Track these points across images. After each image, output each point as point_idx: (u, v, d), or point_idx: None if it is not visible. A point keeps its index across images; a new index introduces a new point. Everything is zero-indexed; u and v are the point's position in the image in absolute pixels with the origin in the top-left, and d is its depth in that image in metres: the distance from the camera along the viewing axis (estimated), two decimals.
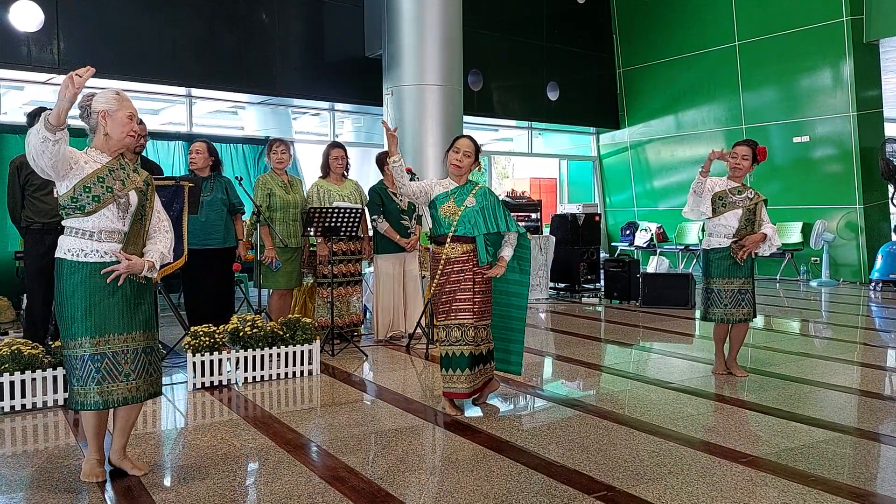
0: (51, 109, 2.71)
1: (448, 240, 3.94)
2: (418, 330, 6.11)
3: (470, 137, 4.10)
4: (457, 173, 4.04)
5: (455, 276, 3.95)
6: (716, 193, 4.76)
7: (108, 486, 2.99)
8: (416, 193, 4.02)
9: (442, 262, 3.95)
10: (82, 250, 2.91)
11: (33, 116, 4.99)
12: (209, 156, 5.62)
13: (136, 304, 3.00)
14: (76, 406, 2.95)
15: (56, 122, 2.66)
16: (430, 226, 4.09)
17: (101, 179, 2.90)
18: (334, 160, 6.02)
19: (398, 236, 6.09)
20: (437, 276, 3.95)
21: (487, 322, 4.07)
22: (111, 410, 3.05)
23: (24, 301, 5.76)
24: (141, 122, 5.37)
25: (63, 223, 2.96)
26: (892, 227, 10.97)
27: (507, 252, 4.07)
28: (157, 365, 3.11)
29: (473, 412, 4.05)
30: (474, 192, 4.03)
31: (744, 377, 4.84)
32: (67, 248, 2.92)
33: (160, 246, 3.08)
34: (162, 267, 3.19)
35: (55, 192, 2.93)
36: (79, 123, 3.01)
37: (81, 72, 2.63)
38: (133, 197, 3.00)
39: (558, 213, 10.20)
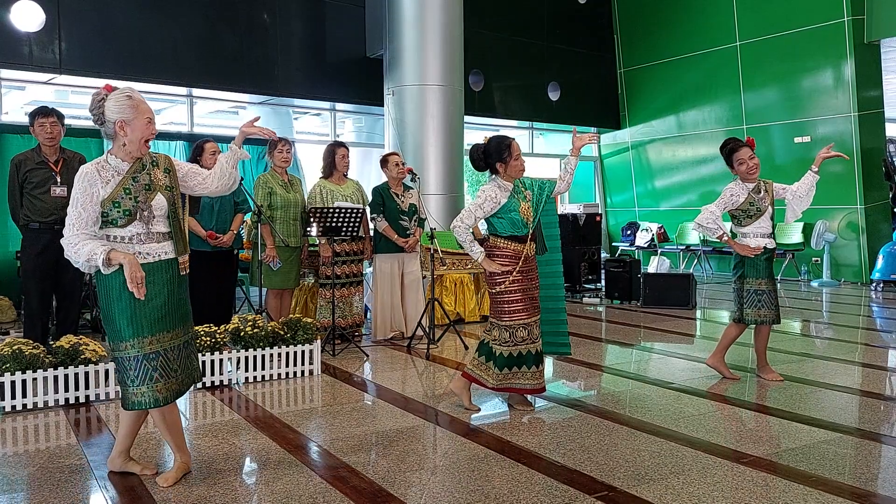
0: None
1: (529, 238, 3.98)
2: (419, 330, 6.11)
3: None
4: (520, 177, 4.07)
5: (530, 273, 4.00)
6: (740, 207, 4.71)
7: (109, 485, 2.99)
8: (489, 213, 3.95)
9: (521, 260, 3.95)
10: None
11: (34, 115, 4.99)
12: None
13: (178, 299, 2.99)
14: (133, 406, 2.91)
15: (112, 265, 2.77)
16: (490, 228, 4.01)
17: (127, 191, 2.86)
18: (341, 158, 6.05)
19: (395, 235, 6.11)
20: (513, 274, 3.92)
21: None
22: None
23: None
24: None
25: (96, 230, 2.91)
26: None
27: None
28: (195, 353, 3.14)
29: (475, 414, 4.06)
30: (523, 185, 4.05)
31: (779, 382, 4.70)
32: None
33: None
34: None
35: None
36: (88, 124, 2.99)
37: (140, 283, 2.75)
38: (161, 200, 2.93)
39: (559, 213, 10.19)
